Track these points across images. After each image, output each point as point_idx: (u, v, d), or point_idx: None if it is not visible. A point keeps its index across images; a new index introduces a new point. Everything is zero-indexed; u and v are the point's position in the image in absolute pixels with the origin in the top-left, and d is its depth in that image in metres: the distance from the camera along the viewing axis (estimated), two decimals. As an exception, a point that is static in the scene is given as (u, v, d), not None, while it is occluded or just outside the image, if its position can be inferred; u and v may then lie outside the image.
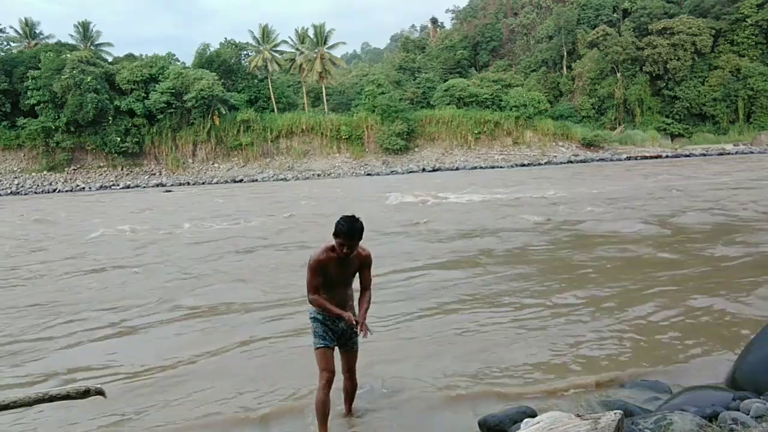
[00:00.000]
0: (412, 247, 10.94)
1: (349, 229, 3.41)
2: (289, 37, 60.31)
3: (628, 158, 48.09)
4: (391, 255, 9.95)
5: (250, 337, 5.77)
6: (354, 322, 3.49)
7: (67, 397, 2.81)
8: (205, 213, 19.64)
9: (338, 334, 3.63)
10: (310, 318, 3.66)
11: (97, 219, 19.17)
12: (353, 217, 3.48)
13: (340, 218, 3.47)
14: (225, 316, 6.62)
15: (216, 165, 48.37)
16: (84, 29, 52.95)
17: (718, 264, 8.21)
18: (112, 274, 9.53)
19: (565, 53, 61.50)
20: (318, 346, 3.56)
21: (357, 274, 3.68)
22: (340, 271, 3.55)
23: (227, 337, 5.83)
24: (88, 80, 43.33)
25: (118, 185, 43.75)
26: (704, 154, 47.77)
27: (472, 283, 7.74)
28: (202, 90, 44.64)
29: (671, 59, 55.15)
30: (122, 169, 46.78)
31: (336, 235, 3.44)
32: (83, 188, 42.90)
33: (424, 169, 46.65)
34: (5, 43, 51.18)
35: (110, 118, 45.42)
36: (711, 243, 9.76)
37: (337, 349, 3.67)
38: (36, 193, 41.37)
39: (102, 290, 8.33)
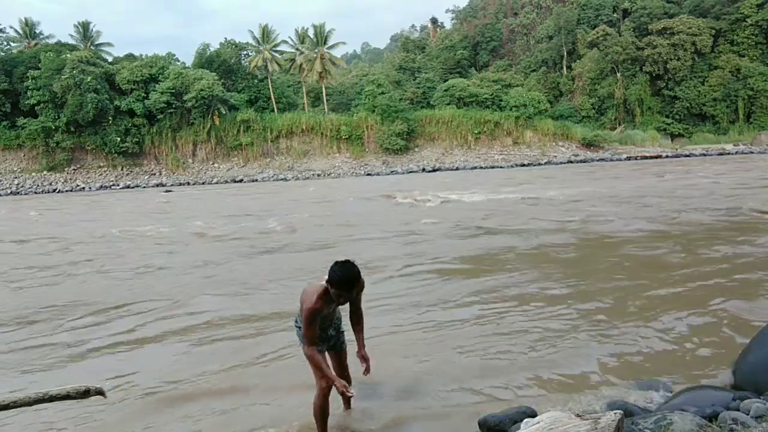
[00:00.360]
0: (429, 246, 10.88)
1: (347, 280, 3.16)
2: (289, 37, 60.43)
3: (628, 158, 48.09)
4: (408, 255, 9.94)
5: (270, 348, 5.48)
6: (346, 389, 3.27)
7: (67, 397, 2.81)
8: (221, 212, 19.39)
9: (326, 338, 3.62)
10: (298, 327, 3.61)
11: (110, 219, 18.99)
12: (349, 263, 3.19)
13: (335, 266, 3.17)
14: (244, 325, 6.34)
15: (216, 165, 48.37)
16: (84, 29, 52.94)
17: (724, 263, 8.20)
18: (134, 275, 9.41)
19: (565, 53, 61.50)
20: None
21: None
22: (333, 306, 3.45)
23: (244, 348, 5.55)
24: (88, 80, 43.32)
25: (118, 185, 43.74)
26: (704, 154, 47.76)
27: (489, 282, 7.74)
28: (202, 90, 44.63)
29: (671, 59, 55.15)
30: (122, 169, 46.77)
31: (332, 284, 3.17)
32: (83, 188, 42.87)
33: (424, 169, 46.65)
34: (5, 43, 51.19)
35: (110, 118, 45.41)
36: (720, 242, 9.77)
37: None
38: (36, 193, 41.31)
39: (123, 292, 8.15)
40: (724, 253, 8.85)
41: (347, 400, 3.94)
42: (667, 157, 47.97)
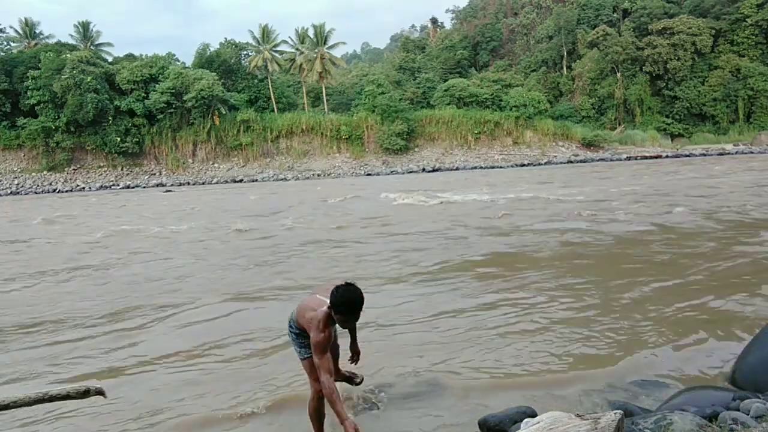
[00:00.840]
0: (447, 246, 10.82)
1: (353, 304, 3.11)
2: (289, 37, 60.46)
3: (628, 158, 48.09)
4: (430, 253, 9.92)
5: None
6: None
7: (67, 397, 2.81)
8: (238, 212, 19.21)
9: None
10: (294, 333, 3.55)
11: (135, 218, 18.79)
12: (352, 287, 3.13)
13: (337, 292, 3.10)
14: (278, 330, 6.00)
15: (216, 165, 48.38)
16: (84, 29, 52.95)
17: (729, 263, 8.18)
18: (175, 274, 9.27)
19: (565, 53, 61.52)
20: (306, 356, 3.50)
21: None
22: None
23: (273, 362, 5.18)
24: (88, 80, 43.34)
25: (118, 185, 43.75)
26: (704, 154, 47.77)
27: (503, 282, 7.74)
28: (202, 90, 44.64)
29: (671, 59, 55.16)
30: (122, 169, 46.79)
31: (336, 311, 3.12)
32: (83, 188, 42.85)
33: (424, 169, 46.63)
34: (5, 43, 51.21)
35: (110, 118, 45.43)
36: (728, 241, 9.77)
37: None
38: (36, 193, 41.30)
39: (165, 293, 7.97)
40: (739, 251, 8.84)
41: (338, 371, 3.89)
42: (667, 157, 47.99)
